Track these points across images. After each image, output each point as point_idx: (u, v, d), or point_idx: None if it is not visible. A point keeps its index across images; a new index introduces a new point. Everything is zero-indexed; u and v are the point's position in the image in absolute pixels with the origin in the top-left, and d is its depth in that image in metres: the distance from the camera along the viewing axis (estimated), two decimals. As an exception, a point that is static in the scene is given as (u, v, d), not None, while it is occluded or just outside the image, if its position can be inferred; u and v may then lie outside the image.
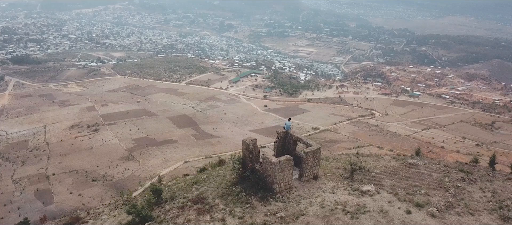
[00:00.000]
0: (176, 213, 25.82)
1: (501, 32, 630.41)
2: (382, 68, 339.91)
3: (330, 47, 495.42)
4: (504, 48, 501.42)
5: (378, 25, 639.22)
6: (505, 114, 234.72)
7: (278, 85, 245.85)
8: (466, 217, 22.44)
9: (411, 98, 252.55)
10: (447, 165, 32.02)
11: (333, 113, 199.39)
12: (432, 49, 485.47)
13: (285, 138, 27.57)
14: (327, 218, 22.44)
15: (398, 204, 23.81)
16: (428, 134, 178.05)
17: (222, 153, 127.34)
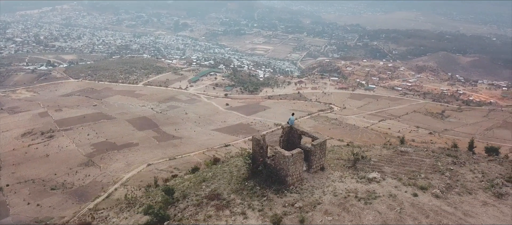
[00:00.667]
0: (193, 210, 26.14)
1: (445, 26, 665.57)
2: (337, 63, 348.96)
3: (286, 44, 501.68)
4: (448, 41, 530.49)
5: (331, 21, 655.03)
6: (453, 103, 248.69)
7: (238, 83, 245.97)
8: (465, 196, 24.24)
9: (366, 91, 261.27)
10: (434, 151, 33.75)
11: (294, 109, 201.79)
12: (383, 43, 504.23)
13: (289, 132, 27.95)
14: (343, 205, 23.49)
15: (404, 188, 25.34)
16: (385, 125, 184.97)
17: (186, 154, 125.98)
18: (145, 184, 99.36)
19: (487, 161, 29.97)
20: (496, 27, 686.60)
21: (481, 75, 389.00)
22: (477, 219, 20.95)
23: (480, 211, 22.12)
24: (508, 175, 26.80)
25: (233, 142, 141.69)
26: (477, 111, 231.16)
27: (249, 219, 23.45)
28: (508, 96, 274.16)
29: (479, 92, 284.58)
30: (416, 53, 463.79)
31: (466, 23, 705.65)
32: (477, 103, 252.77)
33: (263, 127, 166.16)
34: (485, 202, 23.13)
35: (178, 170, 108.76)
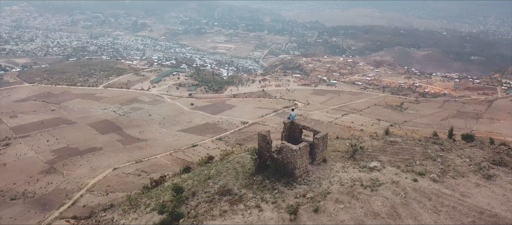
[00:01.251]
0: (207, 207, 26.11)
1: (399, 21, 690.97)
2: (299, 60, 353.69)
3: (247, 42, 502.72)
4: (403, 35, 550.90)
5: (291, 19, 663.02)
6: (410, 95, 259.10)
7: (202, 83, 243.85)
8: (459, 179, 26.24)
9: (328, 86, 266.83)
10: (420, 140, 35.25)
11: (259, 107, 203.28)
12: (342, 40, 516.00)
13: (291, 127, 28.56)
14: (351, 193, 24.56)
15: (404, 175, 26.94)
16: (348, 119, 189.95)
17: (152, 156, 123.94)
18: (112, 189, 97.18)
19: (469, 147, 32.01)
20: (446, 22, 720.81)
21: (434, 68, 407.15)
22: (473, 199, 22.86)
23: (475, 191, 24.03)
24: (492, 158, 29.13)
25: (200, 142, 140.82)
26: (433, 102, 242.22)
27: (264, 211, 24.11)
28: (460, 87, 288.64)
29: (433, 84, 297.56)
30: (373, 48, 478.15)
31: (418, 18, 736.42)
32: (432, 95, 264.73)
33: (230, 126, 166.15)
34: (478, 184, 25.16)
35: (146, 173, 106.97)
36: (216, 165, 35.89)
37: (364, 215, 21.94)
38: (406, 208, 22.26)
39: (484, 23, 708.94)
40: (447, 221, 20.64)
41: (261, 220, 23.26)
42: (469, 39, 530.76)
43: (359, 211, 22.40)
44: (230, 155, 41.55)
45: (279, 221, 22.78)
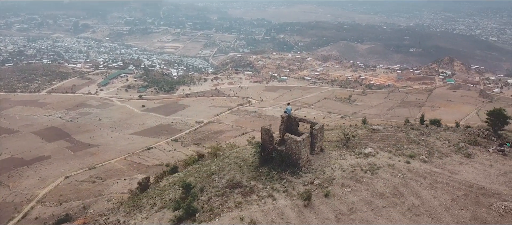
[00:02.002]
0: (220, 200, 26.52)
1: (342, 17, 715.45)
2: (249, 58, 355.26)
3: (196, 41, 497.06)
4: (347, 30, 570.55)
5: (238, 17, 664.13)
6: (357, 88, 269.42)
7: (152, 83, 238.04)
8: (445, 159, 28.52)
9: (280, 83, 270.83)
10: (399, 127, 36.85)
11: (213, 105, 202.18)
12: (289, 36, 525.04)
13: (288, 120, 28.99)
14: (354, 178, 26.00)
15: (397, 158, 28.83)
16: (301, 113, 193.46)
17: (106, 161, 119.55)
18: (66, 198, 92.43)
19: (443, 131, 34.16)
20: (385, 16, 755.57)
21: (377, 61, 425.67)
22: (461, 175, 25.28)
23: (460, 169, 26.61)
24: (467, 139, 31.83)
25: (155, 145, 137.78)
26: (378, 93, 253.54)
27: (278, 200, 24.89)
28: (402, 78, 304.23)
29: (378, 76, 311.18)
30: (319, 44, 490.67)
31: (359, 13, 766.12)
32: (378, 86, 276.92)
33: (185, 126, 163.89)
34: (461, 162, 27.86)
35: (101, 179, 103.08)
36: (215, 161, 35.52)
37: (370, 196, 23.57)
38: (406, 187, 24.14)
39: (420, 17, 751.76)
40: (444, 196, 22.64)
41: (277, 208, 24.06)
42: (407, 32, 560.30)
43: (365, 193, 23.95)
44: (218, 150, 41.57)
45: (294, 208, 23.60)
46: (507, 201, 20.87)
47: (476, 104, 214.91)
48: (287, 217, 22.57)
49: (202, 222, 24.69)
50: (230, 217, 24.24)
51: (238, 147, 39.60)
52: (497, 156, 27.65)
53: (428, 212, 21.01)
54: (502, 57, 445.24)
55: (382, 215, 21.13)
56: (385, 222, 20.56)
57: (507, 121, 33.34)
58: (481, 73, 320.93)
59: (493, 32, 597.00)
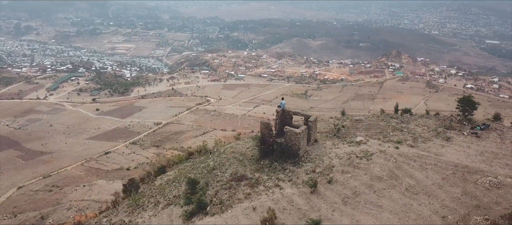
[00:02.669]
0: (228, 193, 26.95)
1: (294, 14, 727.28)
2: (204, 56, 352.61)
3: (148, 41, 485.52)
4: (299, 27, 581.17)
5: (190, 15, 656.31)
6: (312, 83, 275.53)
7: (106, 86, 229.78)
8: (428, 143, 30.15)
9: (237, 80, 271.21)
10: (378, 116, 38.26)
11: (171, 106, 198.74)
12: (243, 34, 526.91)
13: (282, 114, 29.51)
14: (352, 164, 27.02)
15: (386, 145, 30.00)
16: (260, 110, 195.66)
17: (62, 168, 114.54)
18: (21, 209, 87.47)
19: (419, 118, 36.20)
20: (335, 12, 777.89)
21: (329, 56, 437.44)
22: (445, 157, 27.17)
23: (443, 151, 28.46)
24: (443, 125, 34.13)
25: (113, 149, 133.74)
26: (333, 88, 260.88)
27: (285, 189, 25.65)
28: (354, 72, 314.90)
29: (331, 71, 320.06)
30: (273, 41, 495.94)
31: (310, 10, 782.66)
32: (332, 81, 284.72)
33: (143, 128, 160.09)
34: (443, 145, 29.77)
35: (58, 187, 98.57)
36: (210, 157, 35.20)
37: (370, 180, 24.85)
38: (400, 170, 25.67)
39: (367, 13, 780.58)
40: (434, 175, 24.42)
41: (285, 196, 24.77)
42: (356, 28, 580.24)
43: (364, 177, 25.15)
44: (205, 148, 41.35)
45: (301, 195, 24.35)
46: (490, 177, 22.84)
47: (423, 95, 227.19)
48: (297, 204, 23.45)
49: (214, 214, 25.21)
50: (242, 208, 24.90)
51: (230, 143, 39.79)
52: (472, 138, 29.93)
53: (424, 190, 22.68)
54: (444, 49, 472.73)
55: (384, 196, 22.65)
56: (388, 202, 22.02)
57: (475, 107, 35.80)
58: (427, 64, 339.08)
59: (434, 26, 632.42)
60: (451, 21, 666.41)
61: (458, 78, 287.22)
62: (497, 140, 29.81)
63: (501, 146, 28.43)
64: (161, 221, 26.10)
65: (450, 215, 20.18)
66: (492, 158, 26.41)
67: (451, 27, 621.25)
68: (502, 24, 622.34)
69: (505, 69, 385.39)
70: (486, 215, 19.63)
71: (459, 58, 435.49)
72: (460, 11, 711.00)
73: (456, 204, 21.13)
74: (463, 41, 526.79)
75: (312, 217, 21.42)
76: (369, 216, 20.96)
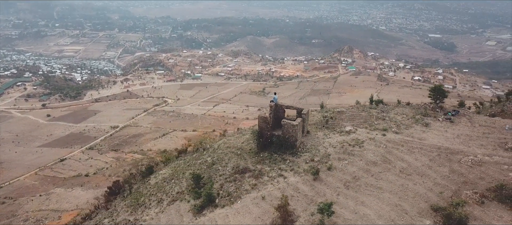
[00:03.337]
0: (234, 185, 27.55)
1: (246, 12, 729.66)
2: (159, 56, 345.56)
3: (98, 42, 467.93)
4: (252, 25, 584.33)
5: (141, 15, 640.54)
6: (269, 80, 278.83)
7: (56, 90, 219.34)
8: (411, 129, 31.94)
9: (194, 80, 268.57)
10: (358, 108, 39.65)
11: (128, 108, 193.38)
12: (197, 33, 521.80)
13: (275, 108, 30.09)
14: (346, 152, 28.10)
15: (374, 133, 31.21)
16: (220, 109, 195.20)
17: (14, 179, 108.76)
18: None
19: (397, 107, 38.00)
20: (287, 10, 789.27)
21: (284, 53, 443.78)
22: (428, 141, 28.96)
23: (425, 136, 30.28)
24: (419, 112, 36.20)
25: (69, 155, 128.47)
26: (289, 84, 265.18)
27: (288, 178, 26.53)
28: (309, 68, 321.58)
29: (287, 68, 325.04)
30: (228, 40, 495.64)
31: (263, 8, 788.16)
32: (288, 78, 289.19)
33: (99, 132, 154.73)
34: (423, 130, 31.62)
35: (11, 198, 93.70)
36: (205, 154, 34.98)
37: (366, 165, 26.13)
38: (391, 154, 27.06)
39: (318, 9, 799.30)
40: (422, 158, 26.07)
41: (290, 184, 25.62)
42: (308, 24, 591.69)
43: (360, 163, 26.38)
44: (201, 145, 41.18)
45: (305, 182, 25.24)
46: (470, 156, 24.69)
47: (376, 88, 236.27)
48: (303, 191, 24.36)
49: (224, 206, 25.61)
50: (251, 198, 25.48)
51: (222, 139, 40.04)
52: (447, 124, 32.18)
53: (416, 171, 24.30)
54: (391, 44, 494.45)
55: (382, 178, 24.06)
56: (386, 183, 23.44)
57: (446, 95, 38.73)
58: (377, 59, 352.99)
59: (381, 22, 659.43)
60: (397, 16, 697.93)
61: (406, 71, 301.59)
62: (468, 124, 32.23)
63: (472, 129, 30.77)
64: (170, 217, 26.33)
65: (444, 191, 21.82)
66: (468, 140, 28.56)
67: (397, 23, 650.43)
68: (442, 19, 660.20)
69: (447, 61, 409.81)
70: (474, 189, 21.39)
71: (405, 51, 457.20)
72: (404, 7, 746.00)
73: (447, 182, 22.84)
74: (409, 36, 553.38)
75: (319, 202, 22.36)
76: (371, 197, 22.29)
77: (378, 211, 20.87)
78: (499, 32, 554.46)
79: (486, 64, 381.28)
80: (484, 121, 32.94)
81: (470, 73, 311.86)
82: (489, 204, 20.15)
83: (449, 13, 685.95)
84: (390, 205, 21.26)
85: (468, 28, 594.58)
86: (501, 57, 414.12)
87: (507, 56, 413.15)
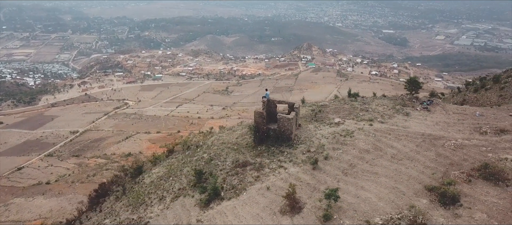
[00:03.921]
0: (236, 178, 28.05)
1: (204, 11, 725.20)
2: (117, 58, 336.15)
3: (50, 45, 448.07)
4: (211, 24, 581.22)
5: (95, 16, 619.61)
6: (232, 79, 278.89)
7: (7, 96, 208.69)
8: (394, 119, 33.50)
9: (155, 81, 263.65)
10: (339, 101, 40.69)
11: (87, 112, 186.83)
12: (155, 33, 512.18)
13: (268, 104, 32.04)
14: (339, 142, 29.17)
15: (361, 123, 32.34)
16: (184, 110, 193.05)
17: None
18: None
19: (376, 99, 39.66)
20: (245, 8, 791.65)
21: (244, 52, 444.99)
22: (411, 128, 30.75)
23: (408, 124, 32.06)
24: (399, 103, 38.20)
25: (26, 164, 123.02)
26: (252, 82, 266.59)
27: (288, 169, 27.35)
28: (270, 66, 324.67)
29: (249, 67, 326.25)
30: (187, 39, 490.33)
31: (221, 7, 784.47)
32: (250, 76, 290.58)
33: (58, 138, 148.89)
34: (405, 119, 33.37)
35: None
36: (199, 151, 34.74)
37: (359, 152, 27.22)
38: (380, 142, 28.34)
39: (275, 8, 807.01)
40: (409, 144, 27.61)
41: (292, 174, 26.36)
42: (267, 23, 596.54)
43: (354, 152, 27.42)
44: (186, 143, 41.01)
45: (305, 172, 26.08)
46: (452, 140, 26.67)
47: (336, 83, 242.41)
48: (305, 180, 25.18)
49: (231, 198, 26.03)
50: (256, 189, 26.00)
51: (213, 135, 40.34)
52: (425, 112, 34.38)
53: (406, 156, 25.79)
54: (348, 40, 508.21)
55: (376, 164, 25.33)
56: (381, 169, 24.68)
57: (420, 86, 41.60)
58: (335, 55, 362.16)
59: (338, 19, 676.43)
60: (352, 13, 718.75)
61: (363, 66, 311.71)
62: (443, 112, 34.52)
63: (448, 117, 33.08)
64: (177, 212, 26.55)
65: (434, 173, 23.38)
66: (446, 126, 30.61)
67: (352, 19, 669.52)
68: (395, 15, 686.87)
69: (401, 55, 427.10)
70: (461, 170, 23.09)
71: (362, 47, 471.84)
72: (358, 4, 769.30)
73: (435, 164, 24.41)
74: (364, 32, 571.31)
75: (325, 188, 23.29)
76: (369, 182, 23.41)
77: (377, 194, 22.06)
78: (446, 27, 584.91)
79: (437, 58, 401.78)
80: (456, 109, 35.58)
81: (422, 66, 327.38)
82: (476, 182, 21.78)
83: (400, 10, 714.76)
84: (388, 188, 22.46)
85: (418, 23, 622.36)
86: (450, 50, 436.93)
87: (455, 49, 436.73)
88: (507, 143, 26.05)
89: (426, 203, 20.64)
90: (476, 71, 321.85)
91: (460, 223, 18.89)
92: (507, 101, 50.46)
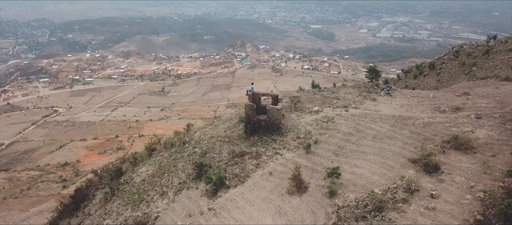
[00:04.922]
0: (237, 167, 28.96)
1: (132, 10, 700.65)
2: (39, 63, 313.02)
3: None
4: (140, 24, 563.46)
5: (10, 18, 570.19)
6: (167, 79, 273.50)
7: None
8: (365, 104, 35.77)
9: (86, 85, 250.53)
10: (308, 91, 42.08)
11: (11, 123, 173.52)
12: (80, 35, 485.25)
13: (253, 97, 33.83)
14: (323, 128, 30.92)
15: (338, 110, 34.43)
16: (119, 113, 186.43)
17: None
18: None
19: (341, 88, 42.19)
20: (174, 7, 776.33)
21: (176, 51, 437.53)
22: (382, 111, 33.17)
23: (378, 108, 34.49)
24: (364, 90, 41.12)
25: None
26: (189, 82, 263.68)
27: (284, 154, 28.79)
28: (206, 65, 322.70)
29: (184, 66, 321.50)
30: (115, 40, 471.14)
31: (148, 6, 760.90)
32: (186, 75, 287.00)
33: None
34: (374, 104, 35.82)
35: None
36: (187, 147, 34.17)
37: (344, 136, 29.08)
38: (360, 125, 30.42)
39: (205, 5, 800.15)
40: (385, 125, 30.00)
41: (288, 159, 27.83)
42: (198, 21, 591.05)
43: (338, 135, 29.22)
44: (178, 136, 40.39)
45: (300, 156, 27.63)
46: (419, 119, 29.69)
47: (272, 79, 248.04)
48: (302, 163, 26.61)
49: (236, 185, 26.84)
50: (259, 175, 27.01)
51: (199, 130, 40.44)
52: (388, 97, 37.45)
53: (385, 136, 28.15)
54: (278, 36, 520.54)
55: (362, 144, 27.40)
56: (367, 148, 26.76)
57: (380, 74, 45.63)
58: (268, 51, 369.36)
59: (267, 15, 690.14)
60: (281, 10, 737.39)
61: (296, 61, 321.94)
62: (402, 96, 37.88)
63: (408, 100, 36.48)
64: (185, 204, 26.90)
65: (413, 148, 25.94)
66: (411, 108, 33.73)
67: (281, 16, 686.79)
68: (321, 11, 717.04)
69: (329, 49, 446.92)
70: (434, 143, 25.92)
71: (292, 42, 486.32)
72: (286, 1, 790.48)
73: (412, 140, 27.00)
74: (293, 28, 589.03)
75: (326, 168, 24.88)
76: (360, 160, 25.31)
77: (370, 169, 24.02)
78: (368, 20, 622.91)
79: (362, 50, 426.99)
80: (411, 93, 39.46)
81: (350, 58, 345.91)
82: (449, 152, 24.64)
83: (326, 5, 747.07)
84: (377, 164, 24.50)
85: (343, 18, 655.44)
86: (373, 42, 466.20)
87: (377, 41, 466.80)
88: (464, 119, 29.39)
89: (413, 173, 22.92)
90: (398, 61, 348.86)
91: (445, 186, 21.29)
92: (444, 84, 56.31)
